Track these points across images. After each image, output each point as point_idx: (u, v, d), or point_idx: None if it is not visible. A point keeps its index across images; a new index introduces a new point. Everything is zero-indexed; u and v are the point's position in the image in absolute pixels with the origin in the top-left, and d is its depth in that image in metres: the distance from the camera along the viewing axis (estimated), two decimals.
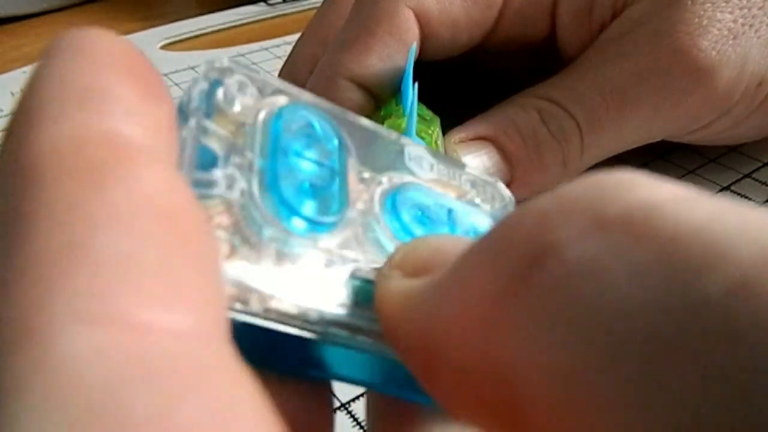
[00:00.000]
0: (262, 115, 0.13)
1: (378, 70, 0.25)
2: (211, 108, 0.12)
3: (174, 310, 0.08)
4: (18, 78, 0.43)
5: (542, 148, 0.25)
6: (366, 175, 0.14)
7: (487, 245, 0.10)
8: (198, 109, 0.12)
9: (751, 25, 0.24)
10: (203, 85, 0.13)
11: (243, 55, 0.45)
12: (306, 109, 0.14)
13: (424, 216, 0.14)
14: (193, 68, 0.43)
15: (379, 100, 0.25)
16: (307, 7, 0.54)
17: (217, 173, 0.12)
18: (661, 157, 0.31)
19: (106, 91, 0.10)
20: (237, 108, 0.13)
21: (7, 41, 0.50)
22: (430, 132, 0.24)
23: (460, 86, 0.32)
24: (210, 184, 0.11)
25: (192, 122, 0.12)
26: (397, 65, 0.25)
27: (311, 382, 0.12)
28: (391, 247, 0.13)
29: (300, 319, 0.11)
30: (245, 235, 0.11)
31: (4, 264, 0.08)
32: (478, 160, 0.25)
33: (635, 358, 0.07)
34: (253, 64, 0.44)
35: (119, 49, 0.10)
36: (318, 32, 0.30)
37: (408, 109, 0.22)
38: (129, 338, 0.08)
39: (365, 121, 0.15)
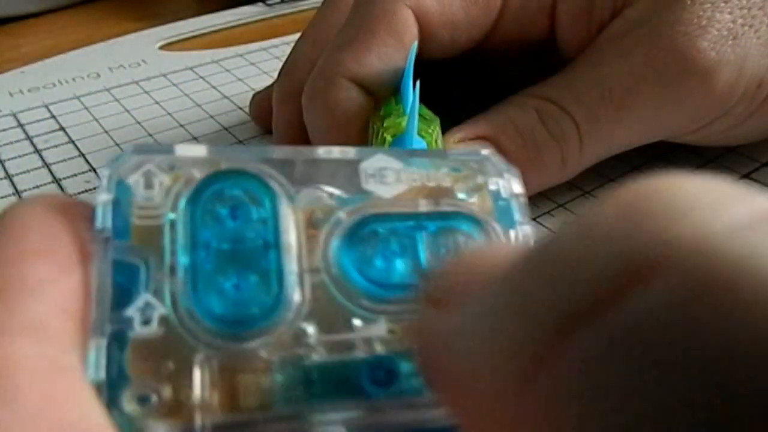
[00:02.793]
0: (180, 203, 0.12)
1: (377, 70, 0.25)
2: (120, 221, 0.11)
3: None
4: (16, 78, 0.43)
5: (541, 148, 0.25)
6: (320, 214, 0.12)
7: (533, 282, 0.08)
8: (102, 230, 0.11)
9: (750, 26, 0.24)
10: (105, 197, 0.11)
11: (241, 55, 0.45)
12: (229, 175, 0.12)
13: (388, 250, 0.12)
14: (191, 68, 0.43)
15: (379, 99, 0.25)
16: (305, 7, 0.54)
17: (130, 310, 0.11)
18: (660, 157, 0.31)
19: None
20: (151, 204, 0.11)
21: (6, 41, 0.50)
22: (430, 131, 0.24)
23: (460, 86, 0.32)
24: (126, 322, 0.11)
25: (99, 252, 0.11)
26: (396, 65, 0.25)
27: None
28: (350, 304, 0.12)
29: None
30: (177, 364, 0.11)
31: None
32: None
33: None
34: (252, 64, 0.44)
35: (33, 225, 0.11)
36: (317, 32, 0.30)
37: (408, 108, 0.22)
38: None
39: (318, 151, 0.13)
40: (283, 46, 0.46)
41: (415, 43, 0.25)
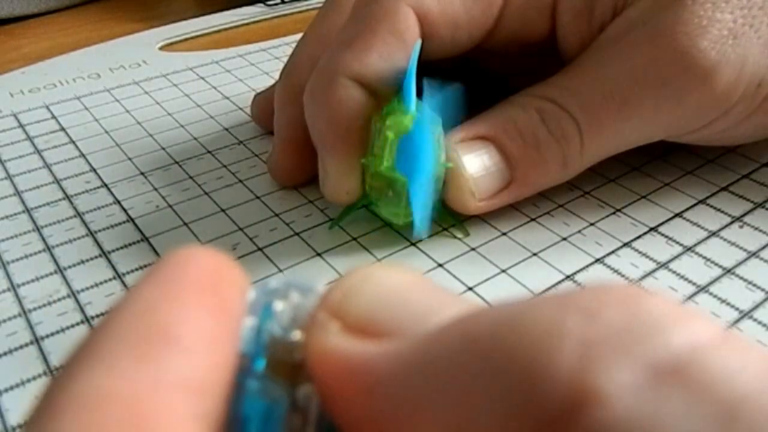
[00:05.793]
0: None
1: (379, 69, 0.25)
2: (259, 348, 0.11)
3: None
4: (17, 79, 0.43)
5: (542, 148, 0.25)
6: None
7: (500, 362, 0.08)
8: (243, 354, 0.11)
9: (751, 26, 0.24)
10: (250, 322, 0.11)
11: (241, 55, 0.45)
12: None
13: None
14: (192, 69, 0.43)
15: (381, 98, 0.25)
16: (305, 8, 0.54)
17: None
18: (660, 157, 0.31)
19: (155, 350, 0.09)
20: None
21: (6, 42, 0.50)
22: (431, 131, 0.24)
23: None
24: None
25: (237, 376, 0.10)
26: (397, 64, 0.25)
27: None
28: None
29: None
30: None
31: None
32: (478, 160, 0.25)
33: None
34: (252, 64, 0.44)
35: (202, 280, 0.10)
36: (319, 32, 0.30)
37: (408, 101, 0.22)
38: None
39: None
40: (283, 47, 0.46)
41: (419, 42, 0.25)
